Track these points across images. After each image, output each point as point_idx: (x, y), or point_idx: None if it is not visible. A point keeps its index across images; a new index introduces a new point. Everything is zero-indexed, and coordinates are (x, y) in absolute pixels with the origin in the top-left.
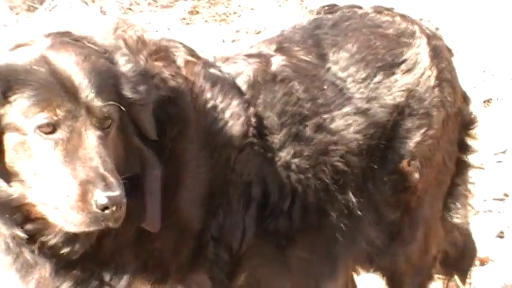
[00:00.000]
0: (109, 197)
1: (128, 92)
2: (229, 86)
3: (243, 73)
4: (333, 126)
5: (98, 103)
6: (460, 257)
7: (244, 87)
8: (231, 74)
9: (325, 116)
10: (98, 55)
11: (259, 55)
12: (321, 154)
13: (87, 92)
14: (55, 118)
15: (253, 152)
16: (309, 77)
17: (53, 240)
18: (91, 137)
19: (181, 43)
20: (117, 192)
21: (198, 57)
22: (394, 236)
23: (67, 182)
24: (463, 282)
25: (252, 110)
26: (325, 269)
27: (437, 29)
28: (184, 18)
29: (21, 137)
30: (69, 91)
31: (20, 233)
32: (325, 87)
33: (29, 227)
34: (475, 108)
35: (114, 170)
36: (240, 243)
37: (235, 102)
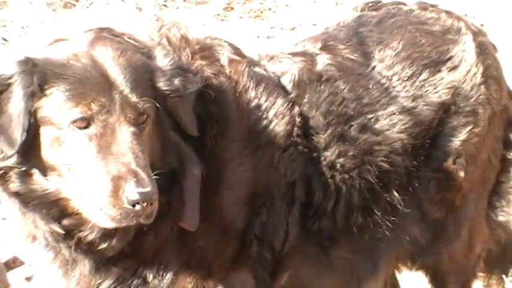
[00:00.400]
0: (140, 193)
1: (162, 84)
2: (273, 85)
3: (288, 72)
4: (377, 126)
5: (133, 99)
6: (502, 254)
7: (289, 86)
8: (276, 72)
9: (370, 116)
10: (135, 50)
11: (304, 53)
12: (366, 154)
13: (122, 88)
14: (89, 113)
15: (297, 151)
16: (354, 76)
17: (90, 236)
18: (124, 133)
19: (226, 41)
20: (148, 188)
21: (242, 56)
22: (438, 234)
23: (99, 178)
24: (504, 278)
25: (296, 109)
26: (368, 268)
27: (481, 25)
28: (218, 15)
29: (56, 131)
30: (104, 86)
31: (57, 228)
32: (370, 86)
33: (65, 222)
34: None
35: (147, 166)
36: (283, 243)
37: (279, 102)
